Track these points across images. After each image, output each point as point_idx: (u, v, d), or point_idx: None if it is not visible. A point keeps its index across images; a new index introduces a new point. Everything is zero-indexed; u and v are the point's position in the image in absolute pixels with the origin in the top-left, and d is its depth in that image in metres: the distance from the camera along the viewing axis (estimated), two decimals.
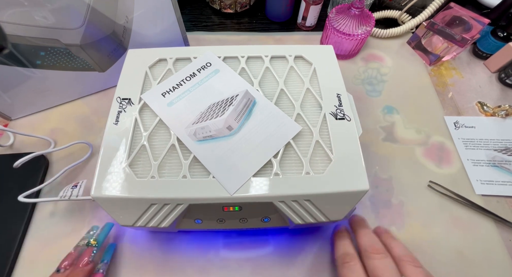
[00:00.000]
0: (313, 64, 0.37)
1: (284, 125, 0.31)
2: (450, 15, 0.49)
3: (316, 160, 0.30)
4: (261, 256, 0.35)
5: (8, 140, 0.42)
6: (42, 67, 0.39)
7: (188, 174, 0.28)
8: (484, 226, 0.38)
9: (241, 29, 0.59)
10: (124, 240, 0.36)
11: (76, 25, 0.37)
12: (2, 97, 0.40)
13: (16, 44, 0.35)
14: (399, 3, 0.58)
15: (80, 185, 0.34)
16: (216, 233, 0.37)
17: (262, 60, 0.37)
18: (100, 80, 0.46)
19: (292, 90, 0.35)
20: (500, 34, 0.51)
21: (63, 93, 0.45)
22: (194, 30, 0.58)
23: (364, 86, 0.51)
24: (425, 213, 0.39)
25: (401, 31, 0.56)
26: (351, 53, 0.53)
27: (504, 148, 0.44)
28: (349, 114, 0.32)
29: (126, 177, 0.28)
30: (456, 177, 0.42)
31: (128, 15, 0.39)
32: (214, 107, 0.32)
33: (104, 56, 0.43)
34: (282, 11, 0.58)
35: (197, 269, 0.34)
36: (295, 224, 0.29)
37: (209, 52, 0.37)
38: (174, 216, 0.28)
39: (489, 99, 0.50)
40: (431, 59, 0.53)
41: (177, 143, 0.30)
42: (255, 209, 0.29)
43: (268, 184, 0.28)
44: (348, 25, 0.49)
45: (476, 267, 0.35)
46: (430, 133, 0.46)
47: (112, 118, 0.32)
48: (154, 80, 0.35)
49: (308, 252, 0.36)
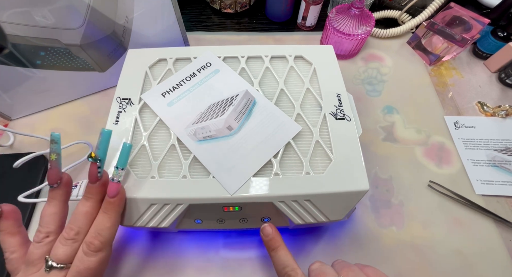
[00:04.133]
0: (313, 64, 0.37)
1: (284, 125, 0.31)
2: (450, 15, 0.49)
3: (316, 160, 0.30)
4: (261, 256, 0.35)
5: (8, 139, 0.42)
6: (42, 67, 0.39)
7: (188, 174, 0.28)
8: (484, 226, 0.38)
9: (241, 29, 0.59)
10: (124, 240, 0.36)
11: (76, 25, 0.37)
12: (2, 97, 0.40)
13: (16, 44, 0.35)
14: (399, 3, 0.58)
15: (80, 185, 0.34)
16: (216, 233, 0.37)
17: (262, 60, 0.37)
18: (100, 80, 0.46)
19: (292, 90, 0.35)
20: (500, 34, 0.51)
21: (63, 93, 0.45)
22: (194, 30, 0.58)
23: (364, 86, 0.51)
24: (425, 213, 0.39)
25: (401, 31, 0.56)
26: (351, 53, 0.53)
27: (504, 148, 0.44)
28: (349, 114, 0.32)
29: (126, 177, 0.28)
30: (456, 177, 0.42)
31: (128, 15, 0.39)
32: (214, 107, 0.32)
33: (104, 56, 0.43)
34: (282, 11, 0.58)
35: (197, 269, 0.34)
36: (295, 224, 0.29)
37: (209, 52, 0.37)
38: (174, 216, 0.28)
39: (489, 99, 0.50)
40: (431, 59, 0.53)
41: (177, 143, 0.30)
42: (255, 209, 0.29)
43: (268, 184, 0.28)
44: (348, 25, 0.49)
45: (476, 267, 0.35)
46: (430, 133, 0.46)
47: (112, 118, 0.32)
48: (154, 80, 0.35)
49: (308, 252, 0.36)
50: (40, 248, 0.24)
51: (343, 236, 0.37)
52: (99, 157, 0.24)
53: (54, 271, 0.23)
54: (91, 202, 0.25)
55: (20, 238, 0.25)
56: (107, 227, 0.24)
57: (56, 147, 0.24)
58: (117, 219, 0.26)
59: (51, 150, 0.24)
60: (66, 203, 0.26)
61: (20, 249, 0.25)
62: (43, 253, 0.24)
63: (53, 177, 0.24)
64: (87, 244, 0.24)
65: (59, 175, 0.25)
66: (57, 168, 0.24)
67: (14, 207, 0.26)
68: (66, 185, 0.26)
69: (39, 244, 0.24)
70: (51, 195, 0.25)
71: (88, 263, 0.23)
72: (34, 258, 0.24)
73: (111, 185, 0.25)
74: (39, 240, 0.24)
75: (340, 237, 0.37)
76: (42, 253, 0.24)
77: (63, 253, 0.23)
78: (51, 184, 0.25)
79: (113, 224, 0.25)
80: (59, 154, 0.24)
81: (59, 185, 0.25)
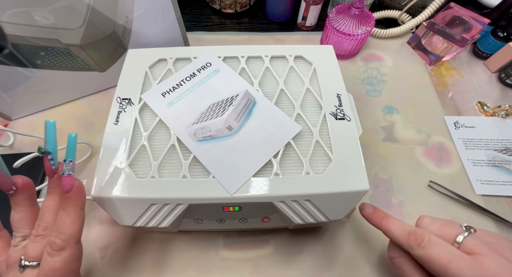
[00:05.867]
0: (313, 64, 0.37)
1: (284, 125, 0.31)
2: (450, 15, 0.49)
3: (316, 160, 0.30)
4: (261, 256, 0.35)
5: (8, 139, 0.42)
6: (42, 67, 0.39)
7: (188, 174, 0.28)
8: (484, 226, 0.38)
9: (241, 29, 0.59)
10: (124, 240, 0.36)
11: (76, 25, 0.37)
12: (2, 97, 0.40)
13: (16, 44, 0.35)
14: (399, 3, 0.58)
15: None
16: (216, 233, 0.37)
17: (262, 60, 0.37)
18: (100, 80, 0.46)
19: (292, 90, 0.35)
20: (500, 34, 0.51)
21: (63, 93, 0.45)
22: (194, 30, 0.58)
23: (364, 86, 0.51)
24: (425, 213, 0.38)
25: (401, 31, 0.56)
26: (351, 53, 0.53)
27: (504, 148, 0.44)
28: (349, 114, 0.32)
29: (126, 177, 0.28)
30: (456, 177, 0.42)
31: (128, 15, 0.39)
32: (214, 107, 0.32)
33: (104, 56, 0.43)
34: (282, 11, 0.58)
35: (197, 269, 0.34)
36: (295, 224, 0.29)
37: (209, 52, 0.37)
38: (174, 216, 0.28)
39: (489, 99, 0.50)
40: (431, 59, 0.53)
41: (177, 143, 0.30)
42: (255, 209, 0.29)
43: (268, 184, 0.28)
44: (348, 25, 0.49)
45: None
46: (430, 133, 0.46)
47: (112, 118, 0.32)
48: (154, 80, 0.35)
49: (308, 252, 0.36)
50: (17, 252, 0.24)
51: (343, 236, 0.37)
52: (48, 150, 0.24)
53: (27, 270, 0.23)
54: (54, 196, 0.25)
55: (2, 242, 0.25)
56: (68, 224, 0.23)
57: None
58: (77, 214, 0.24)
59: None
60: (32, 205, 0.25)
61: (3, 253, 0.24)
62: (20, 255, 0.23)
63: (2, 184, 0.23)
64: (49, 244, 0.23)
65: (9, 180, 0.24)
66: (3, 174, 0.23)
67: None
68: (24, 189, 0.25)
69: (17, 247, 0.24)
70: (12, 201, 0.25)
71: (52, 263, 0.22)
72: (13, 262, 0.23)
73: (64, 179, 0.24)
74: (16, 243, 0.24)
75: (340, 237, 0.37)
76: (19, 256, 0.23)
77: (33, 250, 0.23)
78: (5, 191, 0.24)
79: (74, 220, 0.24)
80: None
81: (15, 190, 0.24)
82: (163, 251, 0.35)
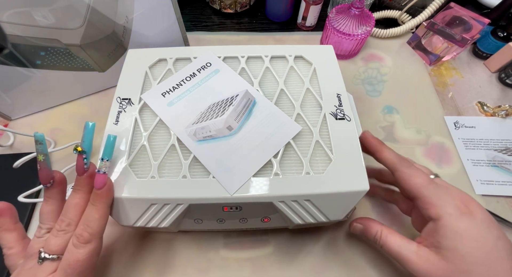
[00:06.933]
0: (313, 64, 0.37)
1: (284, 125, 0.31)
2: (450, 15, 0.49)
3: (316, 160, 0.30)
4: (261, 256, 0.35)
5: (8, 140, 0.42)
6: (42, 67, 0.39)
7: (188, 174, 0.28)
8: None
9: (241, 29, 0.59)
10: (124, 240, 0.36)
11: (76, 25, 0.37)
12: (2, 97, 0.40)
13: (16, 44, 0.35)
14: (399, 3, 0.58)
15: None
16: (216, 233, 0.37)
17: (262, 60, 0.37)
18: (100, 80, 0.46)
19: (292, 90, 0.35)
20: (500, 34, 0.51)
21: (63, 93, 0.45)
22: (194, 30, 0.58)
23: (364, 86, 0.51)
24: None
25: (401, 31, 0.56)
26: (351, 53, 0.53)
27: (504, 148, 0.44)
28: (349, 114, 0.32)
29: (126, 177, 0.28)
30: (456, 177, 0.42)
31: (128, 15, 0.39)
32: (214, 107, 0.32)
33: (104, 56, 0.43)
34: (282, 11, 0.58)
35: (197, 269, 0.34)
36: (295, 224, 0.29)
37: (209, 52, 0.37)
38: (174, 216, 0.28)
39: (489, 99, 0.50)
40: (431, 59, 0.53)
41: (177, 143, 0.30)
42: (255, 209, 0.29)
43: (268, 184, 0.28)
44: (348, 25, 0.49)
45: None
46: (430, 133, 0.46)
47: (112, 118, 0.31)
48: (154, 80, 0.35)
49: (308, 252, 0.36)
50: (39, 243, 0.25)
51: (343, 236, 0.37)
52: (84, 149, 0.25)
53: (46, 263, 0.23)
54: (80, 194, 0.26)
55: (16, 235, 0.26)
56: (96, 219, 0.24)
57: (42, 148, 0.24)
58: (105, 210, 0.26)
59: (38, 150, 0.24)
60: (62, 200, 0.27)
61: (17, 245, 0.25)
62: (41, 247, 0.24)
63: (45, 177, 0.25)
64: (76, 236, 0.24)
65: (51, 174, 0.25)
66: (46, 168, 0.25)
67: (8, 204, 0.26)
68: (60, 183, 0.26)
69: (40, 238, 0.25)
70: (46, 194, 0.26)
71: (77, 255, 0.23)
72: (33, 252, 0.24)
73: (98, 176, 0.25)
74: (40, 235, 0.25)
75: (340, 237, 0.37)
76: (40, 247, 0.24)
77: (54, 244, 0.24)
78: (44, 184, 0.25)
79: (102, 216, 0.25)
80: (46, 154, 0.24)
81: (52, 184, 0.25)
82: (163, 251, 0.35)
